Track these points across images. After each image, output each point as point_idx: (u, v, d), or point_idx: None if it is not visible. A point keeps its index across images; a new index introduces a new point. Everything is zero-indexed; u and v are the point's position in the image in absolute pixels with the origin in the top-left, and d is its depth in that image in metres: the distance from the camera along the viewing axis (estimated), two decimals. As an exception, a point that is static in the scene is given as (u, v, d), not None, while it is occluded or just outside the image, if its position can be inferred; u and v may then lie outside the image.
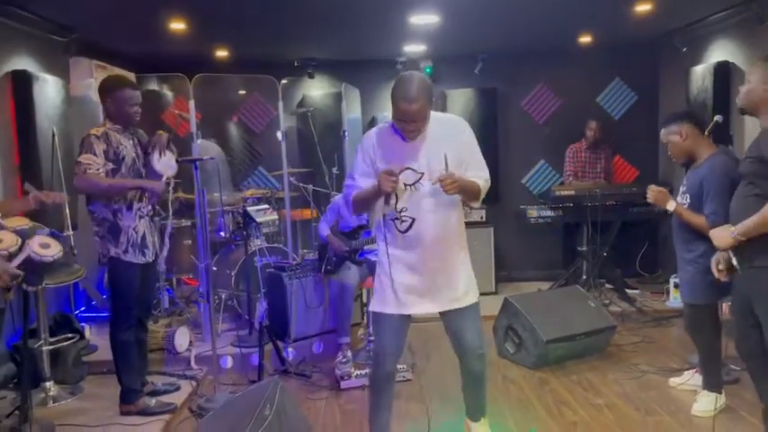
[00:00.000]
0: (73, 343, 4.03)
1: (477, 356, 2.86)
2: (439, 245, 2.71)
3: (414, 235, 2.69)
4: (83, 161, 3.25)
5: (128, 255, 3.40)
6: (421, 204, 2.66)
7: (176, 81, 5.69)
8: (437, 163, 2.59)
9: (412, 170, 2.65)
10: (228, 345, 4.66)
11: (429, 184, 2.63)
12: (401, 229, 2.71)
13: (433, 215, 2.68)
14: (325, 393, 3.91)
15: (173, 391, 3.80)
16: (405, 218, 2.69)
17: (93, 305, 5.28)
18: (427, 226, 2.68)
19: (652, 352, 4.42)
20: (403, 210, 2.69)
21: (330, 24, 5.19)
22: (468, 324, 2.82)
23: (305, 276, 4.70)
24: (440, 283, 2.75)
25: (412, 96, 2.50)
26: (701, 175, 3.29)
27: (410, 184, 2.66)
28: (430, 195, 2.66)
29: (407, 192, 2.66)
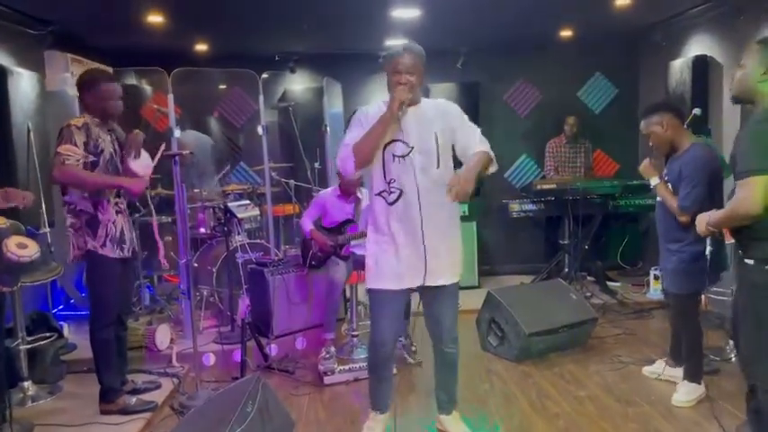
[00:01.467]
0: (51, 342, 3.97)
1: (452, 339, 2.97)
2: (426, 218, 2.75)
3: (402, 206, 2.75)
4: (62, 152, 3.18)
5: (105, 248, 3.34)
6: (409, 177, 2.73)
7: (155, 75, 5.61)
8: (427, 140, 2.73)
9: (403, 142, 2.73)
10: (210, 342, 4.62)
11: (419, 157, 2.72)
12: (389, 200, 2.77)
13: (421, 188, 2.73)
14: (308, 389, 3.89)
15: (153, 389, 3.76)
16: (393, 189, 2.76)
17: (71, 303, 5.21)
18: (415, 198, 2.73)
19: (633, 343, 4.46)
20: (391, 181, 2.76)
21: (311, 18, 5.15)
22: (447, 306, 2.92)
23: (287, 272, 4.67)
24: (428, 256, 2.77)
25: (407, 47, 2.72)
26: (682, 162, 3.32)
27: (400, 155, 2.74)
28: (419, 169, 2.73)
29: (396, 163, 2.74)
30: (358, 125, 2.77)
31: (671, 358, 3.77)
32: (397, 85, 2.68)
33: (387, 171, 2.76)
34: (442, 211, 2.81)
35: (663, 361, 3.81)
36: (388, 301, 2.86)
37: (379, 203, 2.82)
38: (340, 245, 4.45)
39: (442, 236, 2.82)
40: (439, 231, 2.80)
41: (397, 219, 2.77)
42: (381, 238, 2.84)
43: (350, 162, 2.70)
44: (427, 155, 2.75)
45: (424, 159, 2.74)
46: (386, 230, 2.81)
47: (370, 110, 2.81)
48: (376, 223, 2.86)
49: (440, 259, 2.81)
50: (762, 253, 2.35)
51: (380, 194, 2.80)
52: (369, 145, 2.68)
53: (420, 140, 2.74)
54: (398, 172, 2.74)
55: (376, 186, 2.82)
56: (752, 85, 2.41)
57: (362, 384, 3.94)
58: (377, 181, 2.82)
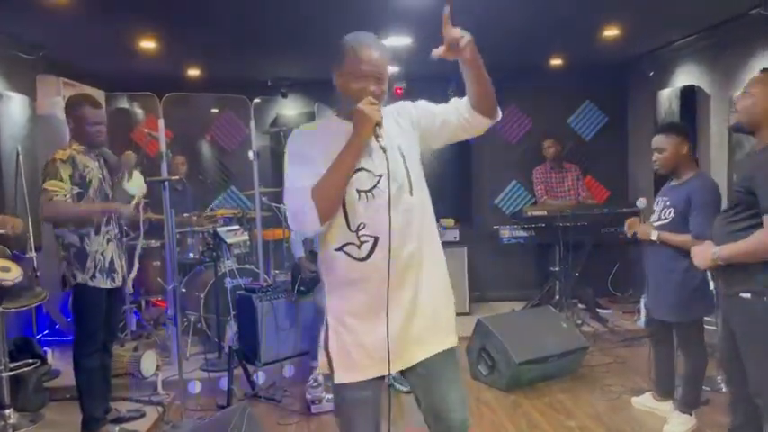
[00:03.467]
0: (34, 368, 3.89)
1: (462, 427, 2.08)
2: (414, 268, 1.99)
3: (379, 260, 1.92)
4: (49, 188, 3.16)
5: (95, 280, 3.31)
6: (383, 216, 1.90)
7: (147, 100, 5.62)
8: (394, 159, 1.95)
9: (367, 171, 1.95)
10: (197, 369, 4.56)
11: (390, 187, 1.91)
12: (360, 255, 1.94)
13: (401, 228, 1.94)
14: (295, 418, 3.83)
15: (138, 417, 3.69)
16: (364, 237, 1.93)
17: (56, 328, 5.13)
18: (395, 242, 1.91)
19: (624, 373, 4.43)
20: (360, 227, 1.94)
21: (303, 45, 5.19)
22: (448, 382, 2.05)
23: (276, 298, 4.63)
24: (418, 323, 2.00)
25: (372, 43, 1.96)
26: (690, 190, 3.28)
27: (365, 190, 1.94)
28: (393, 202, 1.90)
29: (363, 201, 1.94)
30: (298, 163, 1.95)
31: (656, 392, 3.74)
32: (364, 95, 1.90)
33: (351, 215, 1.94)
34: (429, 251, 2.04)
35: (650, 394, 3.77)
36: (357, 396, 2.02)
37: (341, 263, 1.98)
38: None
39: (430, 287, 2.03)
40: (424, 283, 2.01)
41: (372, 279, 1.94)
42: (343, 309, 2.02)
43: (312, 215, 1.88)
44: (398, 181, 1.95)
45: (394, 188, 1.93)
46: (354, 296, 1.99)
47: (303, 139, 2.01)
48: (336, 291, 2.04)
49: (427, 323, 2.02)
50: (757, 285, 2.35)
51: (343, 249, 1.96)
52: (336, 187, 1.89)
53: (385, 165, 1.91)
54: (367, 213, 1.93)
55: (337, 239, 1.97)
56: (760, 116, 2.42)
57: (351, 413, 3.89)
58: (337, 231, 1.97)
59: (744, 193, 2.41)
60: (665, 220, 3.39)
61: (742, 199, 2.42)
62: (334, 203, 1.92)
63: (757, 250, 2.33)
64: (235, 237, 4.69)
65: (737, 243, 2.40)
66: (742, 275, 2.40)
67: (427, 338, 2.03)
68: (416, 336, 2.01)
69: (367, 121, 1.87)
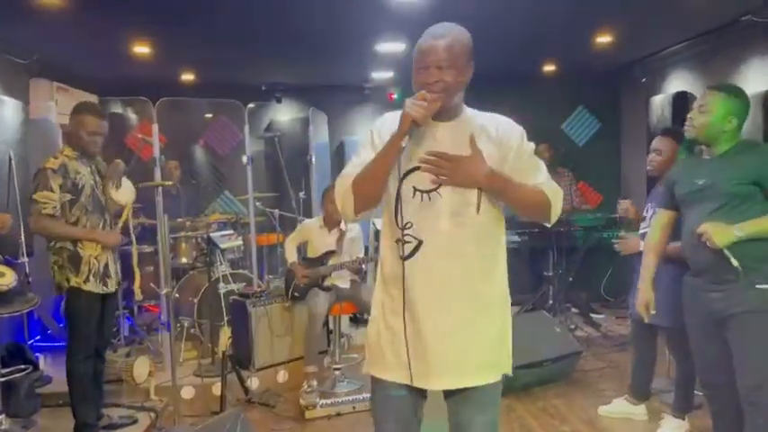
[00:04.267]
0: (26, 374, 3.87)
1: None
2: (454, 286, 1.83)
3: (419, 265, 1.83)
4: (38, 199, 3.15)
5: (89, 284, 3.30)
6: (436, 222, 1.82)
7: (140, 104, 5.62)
8: None
9: None
10: (190, 374, 4.53)
11: (451, 195, 1.82)
12: (402, 253, 1.85)
13: (452, 241, 1.82)
14: (289, 424, 3.82)
15: (130, 424, 3.67)
16: (408, 237, 1.84)
17: (48, 334, 5.10)
18: (440, 253, 1.82)
19: (617, 377, 4.44)
20: (407, 225, 1.84)
21: (297, 51, 5.21)
22: (480, 413, 1.92)
23: (270, 303, 4.62)
24: (453, 342, 1.84)
25: (439, 31, 1.81)
26: None
27: (424, 190, 1.83)
28: (449, 212, 1.82)
29: (417, 200, 1.84)
30: (368, 147, 1.88)
31: (632, 395, 3.75)
32: (419, 89, 1.80)
33: (401, 211, 1.84)
34: (480, 276, 1.87)
35: (624, 399, 3.78)
36: (388, 395, 1.93)
37: (387, 258, 1.92)
38: (322, 276, 4.42)
39: (473, 313, 1.86)
40: (472, 308, 1.86)
41: (409, 281, 1.84)
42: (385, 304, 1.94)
43: (348, 201, 1.85)
44: (462, 192, 1.82)
45: (457, 198, 1.82)
46: (393, 294, 1.90)
47: (387, 125, 1.87)
48: (381, 287, 1.96)
49: (462, 347, 1.85)
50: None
51: (397, 243, 1.87)
52: (372, 179, 1.82)
53: None
54: (419, 214, 1.83)
55: (390, 233, 1.90)
56: (715, 133, 2.59)
57: (345, 418, 3.89)
58: (389, 225, 1.91)
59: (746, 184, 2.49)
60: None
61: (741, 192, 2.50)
62: (372, 195, 1.85)
63: None
64: (228, 242, 4.68)
65: (761, 219, 2.46)
66: (760, 266, 2.46)
67: (472, 367, 1.87)
68: (450, 362, 1.85)
69: (405, 118, 1.76)
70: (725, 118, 2.56)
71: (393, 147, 1.77)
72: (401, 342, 1.85)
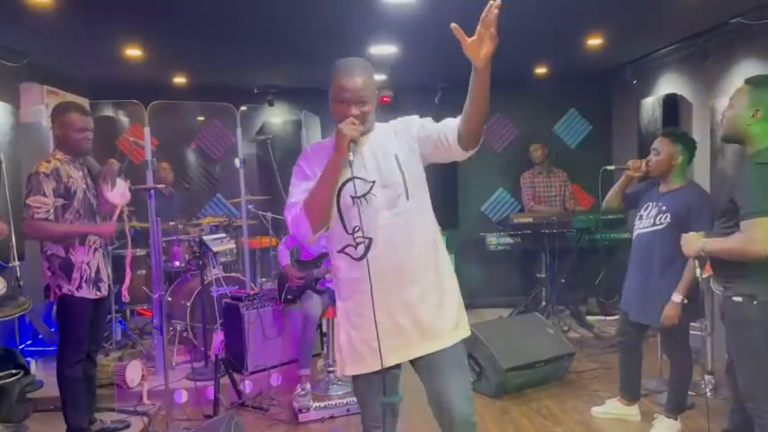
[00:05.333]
0: (17, 379, 3.84)
1: (465, 422, 2.13)
2: (408, 268, 2.13)
3: (374, 259, 2.09)
4: (31, 204, 3.13)
5: (81, 290, 3.28)
6: (377, 219, 2.11)
7: (132, 107, 5.60)
8: (389, 169, 2.14)
9: (360, 179, 2.12)
10: (183, 378, 4.51)
11: (383, 192, 2.12)
12: (356, 255, 2.12)
13: (395, 230, 2.12)
14: (282, 427, 3.81)
15: (122, 428, 3.65)
16: (359, 239, 2.11)
17: (39, 338, 5.07)
18: (389, 245, 2.10)
19: (610, 378, 4.45)
20: (356, 229, 2.11)
21: (289, 53, 5.20)
22: (450, 380, 2.14)
23: (263, 306, 4.61)
24: (418, 317, 2.14)
25: (351, 68, 2.13)
26: (688, 199, 3.30)
27: (360, 196, 2.10)
28: (386, 207, 2.12)
29: (356, 207, 2.09)
30: (302, 178, 2.16)
31: (623, 397, 3.76)
32: (342, 120, 2.09)
33: (346, 219, 2.12)
34: (425, 253, 2.17)
35: (617, 400, 3.80)
36: (368, 384, 2.19)
37: (343, 263, 2.17)
38: (315, 278, 4.42)
39: (426, 285, 2.16)
40: (421, 280, 2.15)
41: (368, 277, 2.05)
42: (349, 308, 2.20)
43: (304, 225, 2.07)
44: (391, 186, 2.13)
45: (389, 193, 2.12)
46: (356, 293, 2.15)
47: (312, 158, 2.19)
48: (341, 290, 2.23)
49: (423, 318, 2.14)
50: (749, 289, 2.38)
51: (344, 251, 2.15)
52: (321, 199, 2.06)
53: (380, 171, 2.13)
54: (362, 217, 2.07)
55: (338, 242, 2.17)
56: (742, 127, 2.46)
57: (338, 422, 3.88)
58: (337, 236, 2.16)
59: (728, 200, 2.45)
60: (659, 226, 3.39)
61: (727, 209, 2.46)
62: (324, 214, 2.08)
63: (727, 250, 2.42)
64: (221, 245, 4.66)
65: (722, 239, 2.46)
66: (737, 279, 2.43)
67: (429, 335, 2.15)
68: (418, 331, 2.15)
69: (342, 138, 2.04)
70: (749, 110, 2.43)
71: (336, 164, 2.06)
72: (372, 331, 2.06)
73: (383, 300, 2.09)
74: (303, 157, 2.25)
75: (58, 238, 3.23)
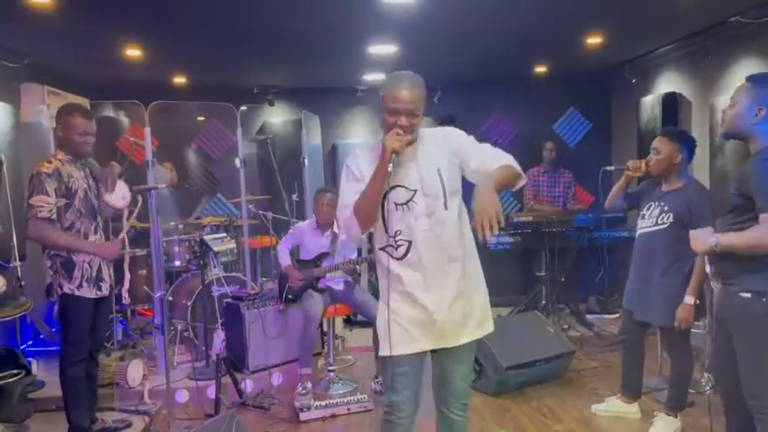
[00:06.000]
0: (18, 379, 3.85)
1: (460, 404, 2.51)
2: (443, 268, 2.38)
3: (413, 260, 2.37)
4: (34, 204, 3.14)
5: (82, 289, 3.29)
6: (417, 224, 2.36)
7: (132, 108, 5.61)
8: (431, 180, 2.37)
9: (404, 187, 2.37)
10: (184, 377, 4.52)
11: (424, 201, 2.36)
12: (397, 255, 2.39)
13: (432, 234, 2.36)
14: (283, 426, 3.82)
15: (124, 427, 3.65)
16: (400, 242, 2.38)
17: (41, 338, 5.08)
18: (427, 248, 2.36)
19: (610, 376, 4.46)
20: (397, 233, 2.38)
21: (289, 53, 5.21)
22: (457, 364, 2.48)
23: (263, 306, 4.62)
24: (451, 313, 2.40)
25: (407, 84, 2.32)
26: (690, 198, 3.31)
27: (402, 203, 2.37)
28: (426, 214, 2.36)
29: (399, 212, 2.37)
30: (352, 180, 2.41)
31: (624, 395, 3.77)
32: (391, 129, 2.31)
33: (389, 222, 2.38)
34: (459, 255, 2.42)
35: (617, 398, 3.81)
36: (400, 365, 2.43)
37: (382, 258, 2.44)
38: (316, 278, 4.43)
39: (458, 286, 2.41)
40: (454, 282, 2.40)
41: (408, 275, 2.37)
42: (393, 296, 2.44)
43: (354, 226, 2.37)
44: (433, 197, 2.36)
45: (429, 202, 2.35)
46: (395, 287, 2.41)
47: (360, 157, 2.44)
48: (384, 282, 2.46)
49: (454, 314, 2.41)
50: (757, 285, 2.37)
51: (384, 249, 2.42)
52: (369, 204, 2.34)
53: (423, 182, 2.36)
54: (403, 222, 2.36)
55: (379, 241, 2.45)
56: (746, 125, 2.45)
57: (339, 421, 3.89)
58: (379, 235, 2.44)
59: (737, 195, 2.44)
60: (661, 225, 3.40)
61: (737, 203, 2.45)
62: (371, 216, 2.36)
63: (752, 245, 2.36)
64: (222, 244, 4.67)
65: (737, 233, 2.41)
66: (745, 275, 2.41)
67: (458, 329, 2.43)
68: (451, 324, 2.41)
69: (385, 150, 2.28)
70: (752, 108, 2.42)
71: (381, 173, 2.29)
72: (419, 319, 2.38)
73: (420, 295, 2.37)
74: (351, 158, 2.46)
75: (58, 247, 3.25)
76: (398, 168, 2.34)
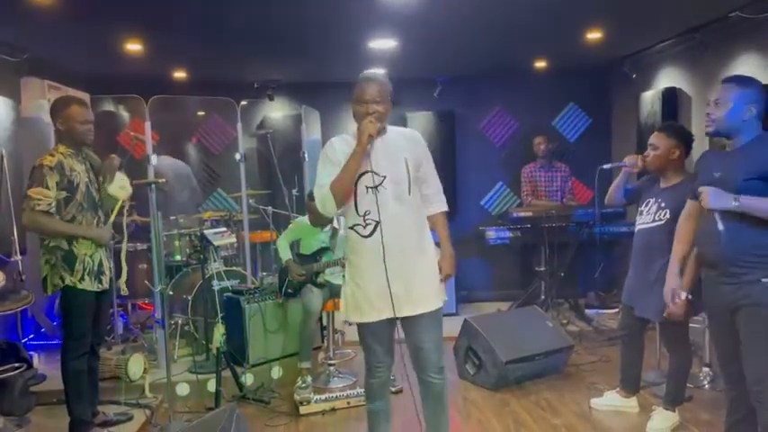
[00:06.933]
0: (20, 373, 3.86)
1: (436, 368, 2.84)
2: (404, 247, 2.73)
3: (378, 238, 2.69)
4: (33, 195, 3.15)
5: (83, 283, 3.30)
6: (384, 207, 2.69)
7: (133, 102, 5.60)
8: (397, 169, 2.72)
9: (373, 173, 2.71)
10: (185, 371, 4.54)
11: (391, 186, 2.70)
12: (364, 233, 2.72)
13: (397, 217, 2.71)
14: (284, 420, 3.84)
15: (125, 421, 3.68)
16: (368, 221, 2.71)
17: (42, 332, 5.10)
18: (391, 228, 2.70)
19: (608, 371, 4.48)
20: (366, 213, 2.71)
21: (289, 48, 5.20)
22: (426, 332, 2.80)
23: (263, 300, 4.63)
24: (407, 286, 2.73)
25: (371, 77, 2.74)
26: (685, 194, 3.19)
27: (372, 186, 2.70)
28: (392, 198, 2.70)
29: (369, 194, 2.70)
30: (328, 163, 2.74)
31: (623, 389, 3.79)
32: (364, 116, 2.67)
33: (359, 204, 2.72)
34: (417, 237, 2.78)
35: (615, 392, 3.83)
36: (369, 330, 2.82)
37: (353, 237, 2.78)
38: (316, 272, 4.44)
39: (417, 262, 2.77)
40: (413, 258, 2.76)
41: (373, 251, 2.71)
42: (354, 271, 2.82)
43: (330, 202, 2.69)
44: (399, 183, 2.72)
45: (395, 188, 2.71)
46: (361, 261, 2.77)
47: (336, 144, 2.78)
48: (350, 256, 2.84)
49: (413, 288, 2.75)
50: None
51: (354, 228, 2.76)
52: (345, 183, 2.68)
53: (391, 169, 2.72)
54: (372, 204, 2.70)
55: (350, 220, 2.78)
56: (737, 122, 2.57)
57: (339, 414, 3.92)
58: (350, 214, 2.78)
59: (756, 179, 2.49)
60: (659, 222, 3.41)
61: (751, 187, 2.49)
62: (346, 194, 2.69)
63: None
64: (222, 239, 4.68)
65: (760, 198, 2.46)
66: (760, 262, 2.47)
67: (416, 300, 2.76)
68: (409, 297, 2.74)
69: (362, 134, 2.64)
70: (743, 107, 2.56)
71: (359, 154, 2.65)
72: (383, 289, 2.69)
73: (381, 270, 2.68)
74: (329, 145, 2.79)
75: (56, 235, 3.25)
76: (369, 156, 2.68)
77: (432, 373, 2.84)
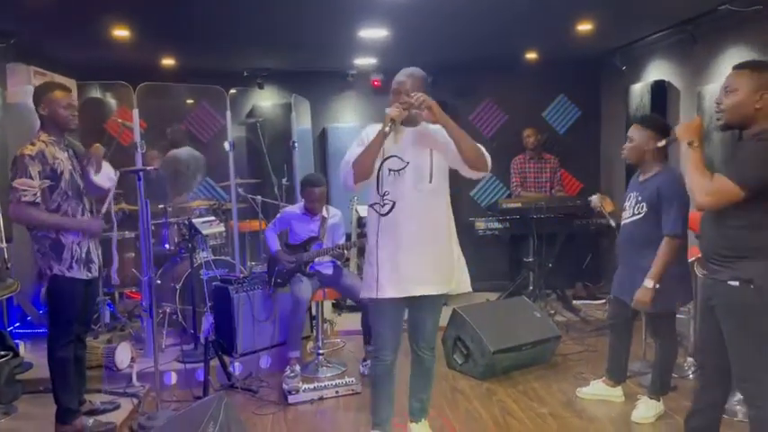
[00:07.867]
0: (6, 361, 3.85)
1: (429, 346, 3.13)
2: (419, 230, 2.88)
3: (393, 218, 2.87)
4: (18, 186, 3.10)
5: (72, 271, 3.27)
6: (403, 190, 2.88)
7: (120, 89, 5.54)
8: (421, 157, 2.90)
9: (398, 158, 2.89)
10: (173, 360, 4.53)
11: (412, 172, 2.88)
12: (382, 212, 2.89)
13: (413, 201, 2.88)
14: (272, 408, 3.85)
15: (112, 409, 3.66)
16: (386, 201, 2.89)
17: (28, 320, 5.06)
18: (407, 210, 2.87)
19: (595, 361, 4.52)
20: (386, 193, 2.89)
21: (280, 36, 5.17)
22: (428, 313, 3.06)
23: (252, 289, 4.62)
24: (416, 267, 2.88)
25: (405, 71, 2.97)
26: (658, 184, 3.34)
27: (395, 169, 2.89)
28: (411, 183, 2.89)
29: (391, 177, 2.89)
30: (359, 143, 2.94)
31: (609, 378, 3.83)
32: (392, 104, 2.86)
33: (381, 184, 2.90)
34: (434, 223, 2.94)
35: (601, 381, 3.87)
36: (381, 308, 2.97)
37: (371, 214, 2.96)
38: (305, 262, 4.44)
39: (427, 247, 2.91)
40: (424, 242, 2.90)
41: (388, 230, 2.88)
42: (370, 249, 2.96)
43: (350, 177, 2.86)
44: (420, 170, 2.89)
45: (416, 174, 2.88)
46: (374, 241, 2.91)
47: (369, 129, 2.97)
48: (369, 233, 2.99)
49: (422, 270, 2.90)
50: (745, 273, 2.38)
51: (373, 206, 2.94)
52: (365, 159, 2.84)
53: (414, 157, 2.89)
54: (392, 186, 2.89)
55: (371, 198, 2.97)
56: (749, 111, 2.40)
57: (328, 403, 3.93)
58: (372, 193, 2.97)
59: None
60: (638, 215, 3.44)
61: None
62: (365, 172, 2.85)
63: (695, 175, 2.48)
64: (210, 228, 4.66)
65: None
66: (729, 263, 2.43)
67: (424, 281, 2.92)
68: (417, 277, 2.90)
69: (386, 117, 2.80)
70: (755, 93, 2.38)
71: (380, 136, 2.81)
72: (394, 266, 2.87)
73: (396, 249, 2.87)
74: (364, 131, 2.99)
75: (43, 228, 3.22)
76: (399, 143, 2.89)
77: (426, 350, 3.12)
